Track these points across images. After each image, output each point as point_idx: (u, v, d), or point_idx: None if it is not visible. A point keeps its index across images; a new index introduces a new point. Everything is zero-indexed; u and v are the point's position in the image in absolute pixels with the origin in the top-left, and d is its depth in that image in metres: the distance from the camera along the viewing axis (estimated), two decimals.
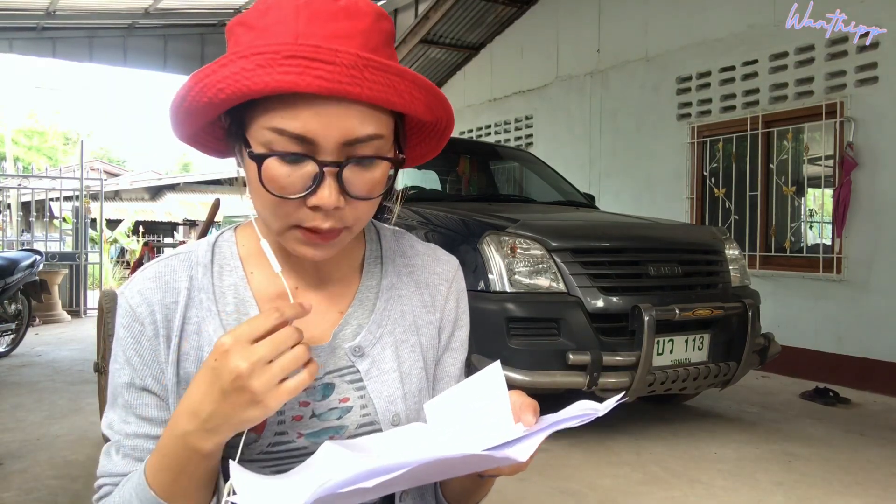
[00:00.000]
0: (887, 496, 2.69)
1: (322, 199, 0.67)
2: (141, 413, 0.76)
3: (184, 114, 0.70)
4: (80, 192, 8.49)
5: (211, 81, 0.66)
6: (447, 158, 5.03)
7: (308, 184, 0.67)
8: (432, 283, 0.88)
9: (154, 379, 0.76)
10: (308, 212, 0.69)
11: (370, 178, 0.70)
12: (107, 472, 0.77)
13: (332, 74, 0.63)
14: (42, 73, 50.56)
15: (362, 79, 0.64)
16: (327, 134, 0.66)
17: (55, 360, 5.47)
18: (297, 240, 0.72)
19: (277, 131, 0.66)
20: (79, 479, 2.77)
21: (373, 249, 0.87)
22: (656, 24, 6.22)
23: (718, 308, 3.31)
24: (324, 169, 0.67)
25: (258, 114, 0.67)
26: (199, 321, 0.77)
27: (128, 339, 0.76)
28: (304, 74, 0.63)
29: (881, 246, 4.59)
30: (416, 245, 0.90)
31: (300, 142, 0.66)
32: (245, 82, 0.64)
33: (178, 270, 0.79)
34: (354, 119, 0.66)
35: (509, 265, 3.12)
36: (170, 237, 18.08)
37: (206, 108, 0.68)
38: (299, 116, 0.65)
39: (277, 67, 0.63)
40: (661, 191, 6.17)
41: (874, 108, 4.63)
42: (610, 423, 3.67)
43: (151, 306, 0.76)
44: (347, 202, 0.69)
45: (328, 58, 0.63)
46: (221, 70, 0.65)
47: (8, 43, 8.53)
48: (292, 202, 0.68)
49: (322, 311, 0.80)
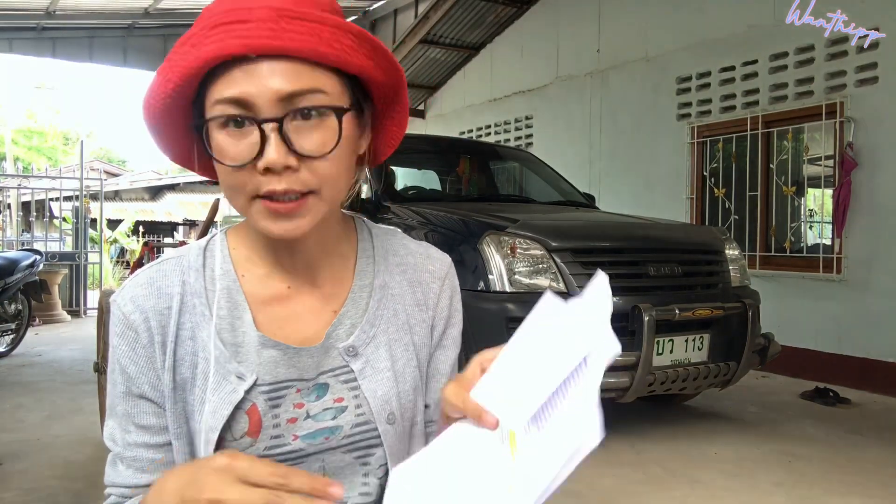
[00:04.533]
0: (888, 496, 2.69)
1: (268, 158, 0.66)
2: (139, 421, 0.76)
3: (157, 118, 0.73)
4: (80, 192, 8.49)
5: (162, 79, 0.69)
6: (447, 158, 5.03)
7: (254, 148, 0.67)
8: (425, 282, 0.87)
9: (150, 386, 0.76)
10: (261, 178, 0.68)
11: (317, 133, 0.69)
12: (112, 483, 0.77)
13: (250, 31, 0.65)
14: (42, 73, 50.55)
15: (280, 30, 0.65)
16: (260, 92, 0.66)
17: (55, 360, 5.47)
18: (260, 213, 0.70)
19: (218, 101, 0.68)
20: (79, 479, 2.77)
21: (365, 249, 0.86)
22: (656, 25, 6.21)
23: (718, 308, 3.31)
24: (262, 126, 0.67)
25: (207, 96, 0.69)
26: (192, 326, 0.76)
27: (122, 347, 0.76)
28: (225, 40, 0.65)
29: (881, 246, 4.59)
30: (409, 244, 0.89)
31: (238, 106, 0.67)
32: (183, 64, 0.67)
33: (170, 276, 0.78)
34: (285, 74, 0.67)
35: (509, 265, 3.12)
36: (170, 237, 18.07)
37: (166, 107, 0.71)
38: (234, 82, 0.67)
39: (206, 41, 0.66)
40: (661, 191, 6.16)
41: (874, 108, 4.63)
42: (610, 423, 3.66)
43: (145, 313, 0.75)
44: (300, 161, 0.68)
45: (243, 17, 0.65)
46: (165, 64, 0.69)
47: (8, 43, 8.53)
48: (245, 171, 0.68)
49: (315, 310, 0.80)
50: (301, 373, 0.77)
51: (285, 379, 0.77)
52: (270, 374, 0.76)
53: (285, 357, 0.77)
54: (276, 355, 0.76)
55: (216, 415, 0.73)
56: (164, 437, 0.77)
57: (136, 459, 0.76)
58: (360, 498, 0.80)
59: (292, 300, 0.80)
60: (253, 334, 0.76)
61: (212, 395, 0.74)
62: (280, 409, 0.76)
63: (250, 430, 0.75)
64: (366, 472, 0.80)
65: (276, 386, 0.76)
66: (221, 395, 0.74)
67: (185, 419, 0.76)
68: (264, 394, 0.76)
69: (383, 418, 0.79)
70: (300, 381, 0.77)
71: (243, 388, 0.74)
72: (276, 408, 0.76)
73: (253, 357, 0.76)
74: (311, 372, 0.78)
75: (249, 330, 0.76)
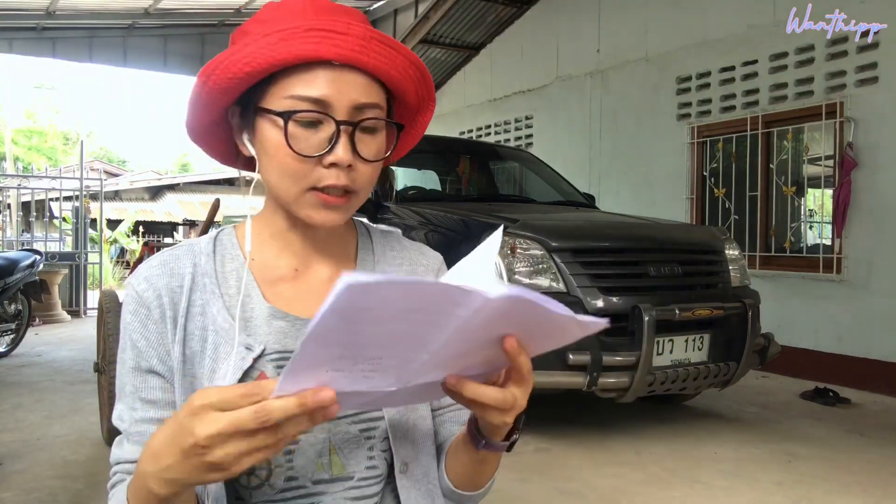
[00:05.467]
0: (887, 496, 2.69)
1: (338, 155, 0.75)
2: (146, 396, 0.78)
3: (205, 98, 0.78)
4: (79, 192, 8.49)
5: (236, 59, 0.74)
6: (447, 158, 5.03)
7: (325, 144, 0.75)
8: (419, 274, 0.93)
9: (159, 360, 0.79)
10: (324, 171, 0.76)
11: (376, 142, 0.79)
12: (118, 460, 0.79)
13: (346, 43, 0.74)
14: (42, 73, 50.56)
15: (370, 49, 0.75)
16: (340, 98, 0.75)
17: (55, 360, 5.47)
18: (311, 204, 0.78)
19: (297, 98, 0.75)
20: (79, 479, 2.77)
21: (365, 242, 0.92)
22: (656, 25, 6.21)
23: (718, 308, 3.31)
24: (340, 127, 0.75)
25: (275, 87, 0.76)
26: (203, 303, 0.80)
27: (134, 323, 0.80)
28: (322, 43, 0.73)
29: (881, 246, 4.59)
30: (404, 242, 0.96)
31: (317, 105, 0.75)
32: (270, 53, 0.73)
33: (182, 258, 0.83)
34: (361, 87, 0.76)
35: (509, 265, 3.12)
36: (170, 237, 18.07)
37: (228, 88, 0.76)
38: (316, 83, 0.75)
39: (299, 39, 0.73)
40: (661, 191, 6.16)
41: (874, 108, 4.63)
42: (610, 423, 3.67)
43: (158, 290, 0.80)
44: (358, 163, 0.77)
45: (343, 29, 0.74)
46: (244, 49, 0.74)
47: (8, 43, 8.52)
48: (310, 162, 0.76)
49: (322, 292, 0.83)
50: None
51: (293, 349, 0.79)
52: (279, 344, 0.80)
53: (293, 328, 0.81)
54: (285, 326, 0.81)
55: (225, 381, 0.76)
56: (169, 411, 0.78)
57: (142, 435, 0.77)
58: (366, 472, 0.81)
59: (298, 280, 0.85)
60: (263, 307, 0.81)
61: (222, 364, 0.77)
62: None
63: None
64: (370, 445, 0.82)
65: (284, 354, 0.79)
66: (230, 364, 0.77)
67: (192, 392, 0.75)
68: (272, 362, 0.79)
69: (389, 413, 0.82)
70: None
71: (252, 357, 0.78)
72: None
73: (262, 328, 0.80)
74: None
75: (259, 304, 0.81)
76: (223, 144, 0.87)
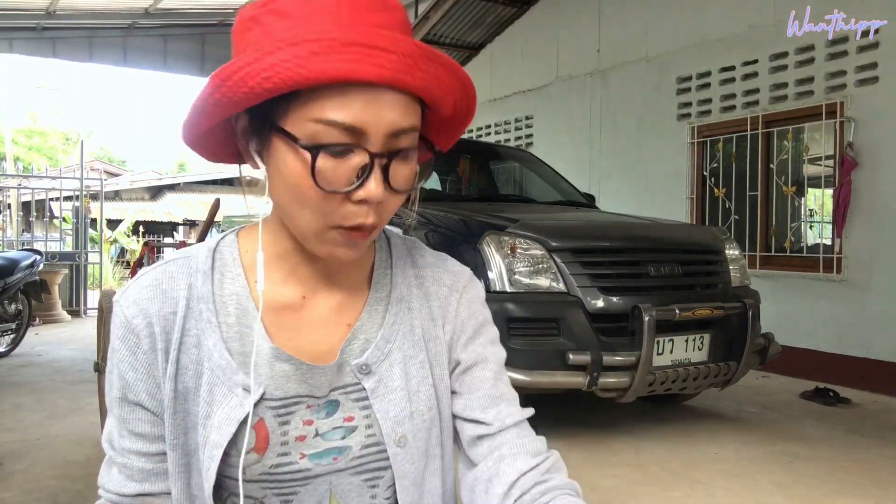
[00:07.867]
0: (887, 496, 2.69)
1: (370, 191, 0.64)
2: (133, 428, 0.74)
3: (211, 107, 0.65)
4: (80, 192, 8.49)
5: (253, 70, 0.61)
6: (447, 158, 5.02)
7: (353, 177, 0.64)
8: (441, 295, 0.83)
9: (148, 394, 0.73)
10: (352, 208, 0.66)
11: (409, 168, 0.68)
12: (103, 486, 0.76)
13: (391, 63, 0.61)
14: (43, 73, 50.56)
15: (416, 68, 0.63)
16: (377, 124, 0.63)
17: (55, 360, 5.47)
18: (334, 241, 0.68)
19: (327, 122, 0.62)
20: (79, 479, 2.77)
21: (383, 259, 0.82)
22: (656, 25, 6.21)
23: (718, 308, 3.31)
24: (374, 160, 0.64)
25: (299, 104, 0.63)
26: (198, 333, 0.72)
27: (123, 351, 0.73)
28: (363, 62, 0.60)
29: (881, 246, 4.59)
30: (427, 255, 0.85)
31: (350, 133, 0.63)
32: (298, 70, 0.60)
33: (176, 278, 0.74)
34: (400, 109, 0.64)
35: (509, 265, 3.12)
36: (170, 237, 18.08)
37: (240, 100, 0.63)
38: (350, 106, 0.62)
39: (336, 56, 0.60)
40: (661, 191, 6.17)
41: (874, 108, 4.63)
42: (610, 423, 3.67)
43: (149, 318, 0.72)
44: (389, 195, 0.67)
45: (388, 45, 0.61)
46: (266, 58, 0.60)
47: (8, 43, 8.52)
48: (336, 198, 0.65)
49: (330, 323, 0.77)
50: (312, 389, 0.74)
51: (296, 395, 0.74)
52: (281, 389, 0.73)
53: (298, 373, 0.73)
54: (289, 370, 0.73)
55: (221, 431, 0.70)
56: (158, 445, 0.74)
57: (127, 466, 0.74)
58: None
59: (305, 310, 0.76)
60: (266, 346, 0.73)
61: (217, 408, 0.71)
62: (289, 425, 0.73)
63: (257, 445, 0.72)
64: (373, 493, 0.77)
65: (286, 402, 0.73)
66: (227, 410, 0.71)
67: (184, 430, 0.73)
68: (272, 409, 0.73)
69: (393, 441, 0.76)
70: (311, 397, 0.74)
71: (250, 402, 0.71)
72: (284, 424, 0.73)
73: (264, 369, 0.72)
74: (323, 389, 0.75)
75: (261, 340, 0.73)
76: (220, 145, 0.75)
